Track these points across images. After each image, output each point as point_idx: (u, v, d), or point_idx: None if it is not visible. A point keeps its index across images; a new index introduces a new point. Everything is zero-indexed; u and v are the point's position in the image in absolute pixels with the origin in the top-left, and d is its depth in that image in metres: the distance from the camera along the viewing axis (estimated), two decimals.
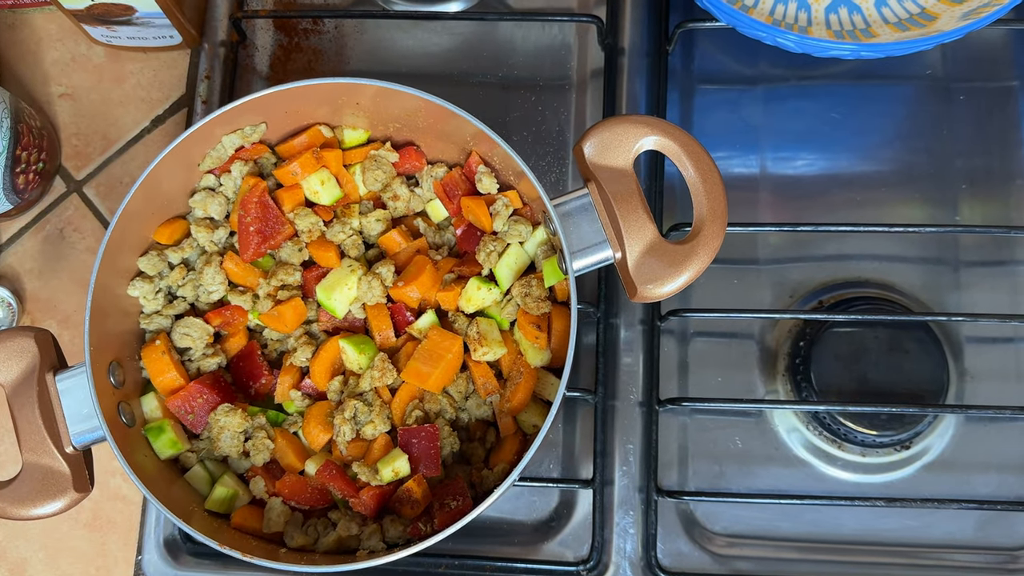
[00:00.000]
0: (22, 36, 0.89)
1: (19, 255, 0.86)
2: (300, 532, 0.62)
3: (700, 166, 0.61)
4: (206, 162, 0.67)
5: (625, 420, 0.76)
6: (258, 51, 0.85)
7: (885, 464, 0.76)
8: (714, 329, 0.80)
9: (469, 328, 0.65)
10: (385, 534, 0.61)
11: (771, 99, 0.83)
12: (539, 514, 0.77)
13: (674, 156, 0.62)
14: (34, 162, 0.82)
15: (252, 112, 0.65)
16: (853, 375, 0.75)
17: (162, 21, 0.81)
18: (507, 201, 0.66)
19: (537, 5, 0.86)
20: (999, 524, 0.75)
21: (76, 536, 0.81)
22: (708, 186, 0.61)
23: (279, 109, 0.66)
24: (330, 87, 0.64)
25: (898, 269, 0.80)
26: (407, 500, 0.61)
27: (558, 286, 0.65)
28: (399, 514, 0.62)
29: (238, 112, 0.64)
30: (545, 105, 0.83)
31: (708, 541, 0.76)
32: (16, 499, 0.57)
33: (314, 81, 0.63)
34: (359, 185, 0.69)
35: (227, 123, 0.66)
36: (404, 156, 0.69)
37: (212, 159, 0.67)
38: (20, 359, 0.59)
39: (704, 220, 0.61)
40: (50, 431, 0.58)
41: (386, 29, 0.86)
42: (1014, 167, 0.81)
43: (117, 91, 0.88)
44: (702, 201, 0.61)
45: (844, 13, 0.77)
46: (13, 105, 0.79)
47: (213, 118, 0.63)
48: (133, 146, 0.87)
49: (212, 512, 0.63)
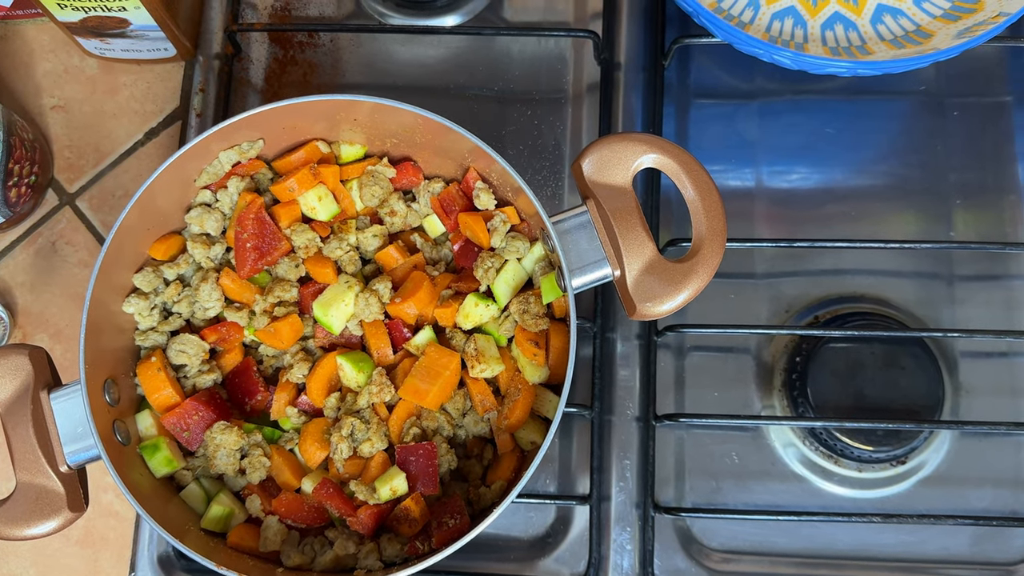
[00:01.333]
0: (14, 48, 0.89)
1: (11, 268, 0.85)
2: (297, 551, 0.62)
3: (699, 185, 0.61)
4: (202, 178, 0.67)
5: (622, 435, 0.76)
6: (253, 64, 0.85)
7: (881, 479, 0.77)
8: (711, 344, 0.80)
9: (467, 344, 0.64)
10: (382, 553, 0.61)
11: (766, 114, 0.84)
12: (535, 530, 0.77)
13: (673, 174, 0.62)
14: (26, 175, 0.82)
15: (249, 128, 0.65)
16: (849, 391, 0.75)
17: (156, 34, 0.81)
18: (505, 217, 0.65)
19: (533, 20, 0.86)
20: (994, 539, 0.75)
21: (68, 553, 0.80)
22: (707, 205, 0.61)
23: (276, 125, 0.66)
24: (327, 104, 0.63)
25: (893, 284, 0.80)
26: (405, 518, 0.61)
27: (556, 302, 0.64)
28: (397, 532, 0.62)
29: (235, 128, 0.63)
30: (541, 119, 0.83)
31: (705, 557, 0.76)
32: (10, 519, 0.56)
33: (311, 98, 0.63)
34: (356, 201, 0.69)
35: (224, 139, 0.65)
36: (401, 171, 0.69)
37: (208, 175, 0.67)
38: (14, 377, 0.58)
39: (703, 239, 0.61)
40: (44, 450, 0.57)
41: (382, 43, 0.86)
42: (1007, 182, 0.82)
43: (110, 103, 0.88)
44: (701, 220, 0.61)
45: (840, 30, 0.78)
46: (6, 118, 0.78)
47: (210, 134, 0.63)
48: (126, 159, 0.87)
49: (208, 531, 0.62)
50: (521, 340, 0.64)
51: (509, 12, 0.86)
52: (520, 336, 0.64)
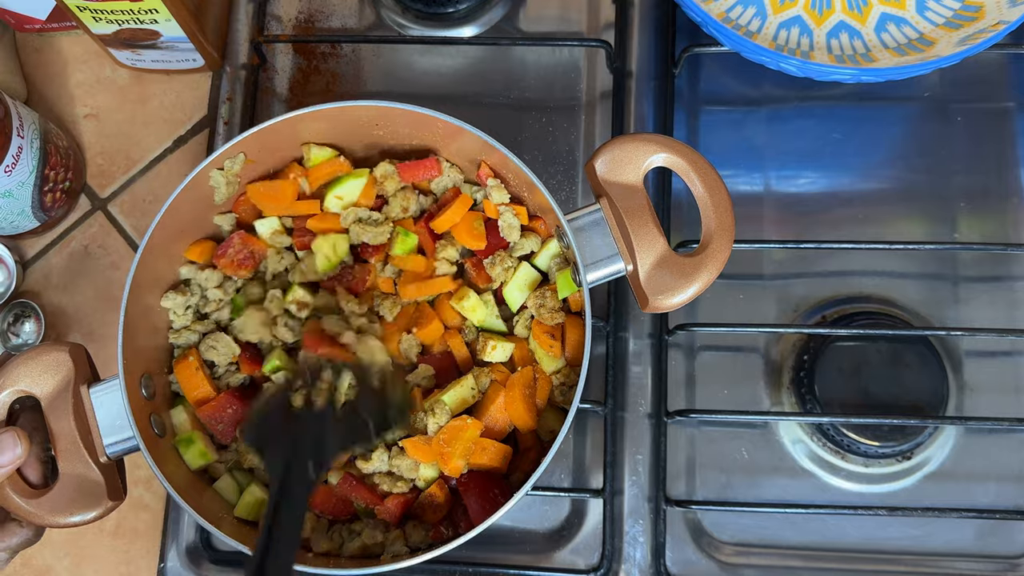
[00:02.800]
0: (48, 59, 0.92)
1: (45, 271, 0.88)
2: (325, 538, 0.64)
3: (708, 182, 0.64)
4: (217, 196, 0.69)
5: (634, 431, 0.78)
6: (278, 74, 0.88)
7: (887, 474, 0.79)
8: (720, 343, 0.82)
9: (478, 340, 0.67)
10: (408, 539, 0.63)
11: (774, 120, 0.86)
12: (551, 523, 0.79)
13: (683, 173, 0.64)
14: (60, 181, 0.85)
15: (271, 136, 0.67)
16: (856, 388, 0.77)
17: (186, 45, 0.84)
18: (514, 212, 0.68)
19: (548, 30, 0.88)
20: (998, 533, 0.77)
21: (101, 544, 0.83)
22: (716, 200, 0.63)
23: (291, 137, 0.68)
24: (356, 110, 0.66)
25: (899, 285, 0.82)
26: (430, 505, 0.63)
27: (571, 297, 0.67)
28: (421, 519, 0.64)
29: (263, 135, 0.66)
30: (555, 125, 0.86)
31: (715, 550, 0.78)
32: (54, 508, 0.59)
33: (306, 110, 0.66)
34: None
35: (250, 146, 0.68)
36: (422, 166, 0.71)
37: (220, 194, 0.69)
38: (56, 372, 0.61)
39: (712, 234, 0.63)
40: (85, 442, 0.60)
41: (402, 53, 0.88)
42: (1010, 185, 0.83)
43: (141, 112, 0.91)
44: (710, 215, 0.63)
45: (845, 38, 0.80)
46: (41, 126, 0.81)
47: (238, 141, 0.66)
48: (156, 165, 0.90)
49: (241, 520, 0.65)
50: (538, 333, 0.66)
51: (524, 23, 0.89)
52: (537, 329, 0.67)
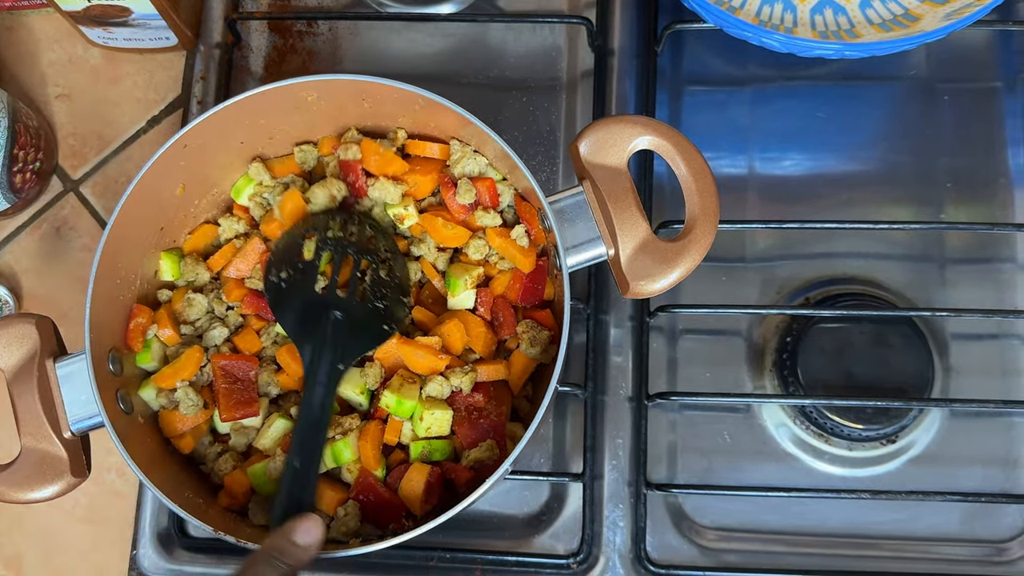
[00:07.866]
0: (20, 37, 0.90)
1: (16, 253, 0.87)
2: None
3: (692, 165, 0.62)
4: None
5: (615, 415, 0.77)
6: (253, 52, 0.87)
7: (871, 458, 0.77)
8: (702, 326, 0.81)
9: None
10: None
11: (758, 100, 0.85)
12: (530, 508, 0.78)
13: (667, 155, 0.63)
14: (31, 161, 0.83)
15: (248, 109, 0.66)
16: (839, 370, 0.76)
17: (158, 23, 0.83)
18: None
19: (528, 7, 0.87)
20: (984, 517, 0.76)
21: (72, 531, 0.81)
22: (700, 185, 0.62)
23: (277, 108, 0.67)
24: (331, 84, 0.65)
25: (883, 266, 0.81)
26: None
27: (541, 241, 0.66)
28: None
29: (236, 108, 0.65)
30: (536, 105, 0.85)
31: (697, 535, 0.77)
32: (14, 482, 0.57)
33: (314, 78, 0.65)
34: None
35: (223, 121, 0.66)
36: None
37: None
38: (20, 344, 0.60)
39: (696, 218, 0.62)
40: (49, 416, 0.59)
41: (379, 31, 0.87)
42: (997, 167, 0.82)
43: (113, 92, 0.89)
44: (694, 200, 0.62)
45: (829, 14, 0.79)
46: (11, 105, 0.80)
47: (210, 115, 0.64)
48: (129, 146, 0.88)
49: (202, 499, 0.63)
50: (502, 243, 0.67)
51: (505, 0, 0.87)
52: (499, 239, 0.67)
